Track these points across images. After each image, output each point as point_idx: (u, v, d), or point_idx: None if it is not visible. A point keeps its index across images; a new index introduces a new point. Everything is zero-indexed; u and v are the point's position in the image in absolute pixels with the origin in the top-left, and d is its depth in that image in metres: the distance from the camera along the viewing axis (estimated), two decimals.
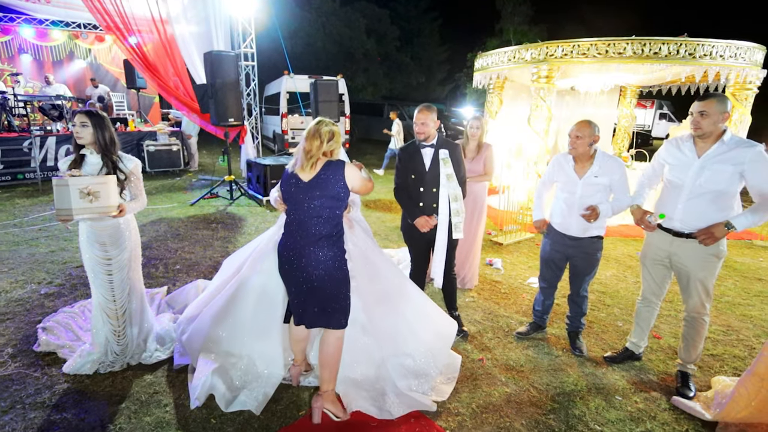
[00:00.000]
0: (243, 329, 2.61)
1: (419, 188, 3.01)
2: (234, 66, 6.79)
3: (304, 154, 2.19)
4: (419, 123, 2.94)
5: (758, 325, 3.55)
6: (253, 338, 2.60)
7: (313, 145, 2.17)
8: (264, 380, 2.50)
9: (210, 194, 7.30)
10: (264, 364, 2.56)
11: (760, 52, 5.48)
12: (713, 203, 2.41)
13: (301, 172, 2.21)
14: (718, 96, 2.37)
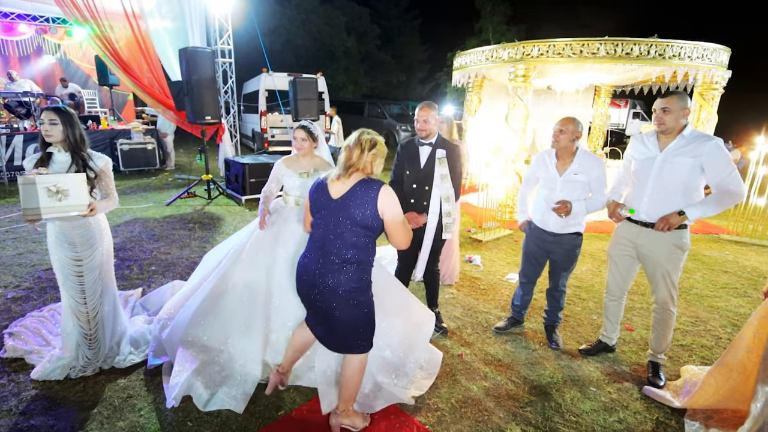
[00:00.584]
0: (223, 324, 2.58)
1: (412, 185, 3.02)
2: (210, 63, 6.67)
3: (344, 162, 2.02)
4: (421, 120, 2.95)
5: (724, 316, 3.70)
6: (233, 334, 2.57)
7: (354, 154, 1.99)
8: (242, 378, 2.47)
9: (187, 194, 7.15)
10: (242, 361, 2.52)
11: (725, 53, 5.70)
12: (676, 196, 2.50)
13: (333, 184, 2.02)
14: (679, 93, 2.48)
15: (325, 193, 2.04)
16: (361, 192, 1.97)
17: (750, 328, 2.31)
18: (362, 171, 2.02)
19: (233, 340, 2.56)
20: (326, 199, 2.03)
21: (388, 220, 1.99)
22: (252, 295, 2.62)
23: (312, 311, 2.15)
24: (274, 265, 2.68)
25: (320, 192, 2.06)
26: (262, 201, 2.91)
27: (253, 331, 2.57)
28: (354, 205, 1.96)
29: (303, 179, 2.86)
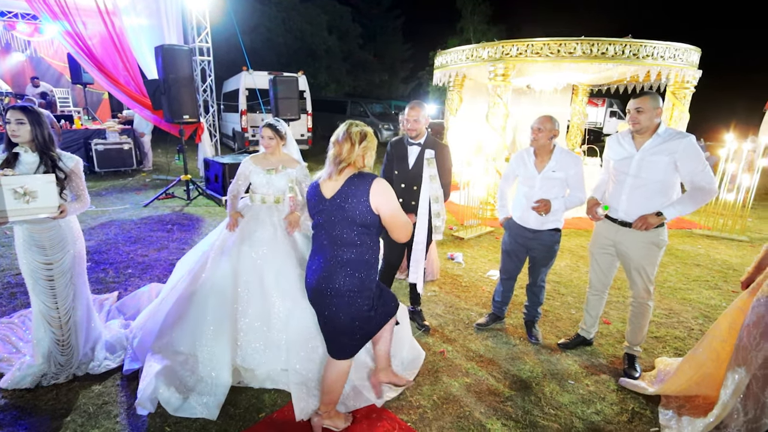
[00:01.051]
0: (191, 330, 2.54)
1: (401, 184, 3.02)
2: (188, 61, 6.54)
3: (332, 159, 1.91)
4: (411, 120, 2.93)
5: (696, 308, 3.82)
6: (201, 339, 2.51)
7: (344, 149, 1.89)
8: (213, 383, 2.41)
9: (165, 194, 7.01)
10: (212, 366, 2.47)
11: (695, 54, 5.88)
12: (654, 194, 2.56)
13: (325, 184, 1.95)
14: (651, 94, 2.54)
15: (319, 194, 1.96)
16: (353, 188, 1.88)
17: (726, 318, 2.38)
18: (353, 165, 1.92)
19: (202, 345, 2.50)
20: (321, 200, 1.95)
21: (384, 215, 1.91)
22: (219, 298, 2.57)
23: (318, 314, 2.09)
24: (240, 266, 2.65)
25: (314, 193, 1.98)
26: (229, 201, 2.89)
27: (221, 335, 2.51)
28: (348, 203, 1.88)
29: (270, 176, 2.84)
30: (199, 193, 7.23)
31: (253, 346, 2.56)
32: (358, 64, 24.45)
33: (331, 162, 1.93)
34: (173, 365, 2.42)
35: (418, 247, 2.93)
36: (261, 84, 10.05)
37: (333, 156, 1.93)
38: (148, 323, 2.63)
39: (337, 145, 1.92)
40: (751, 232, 6.24)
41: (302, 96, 11.24)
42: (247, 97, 11.09)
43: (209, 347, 2.49)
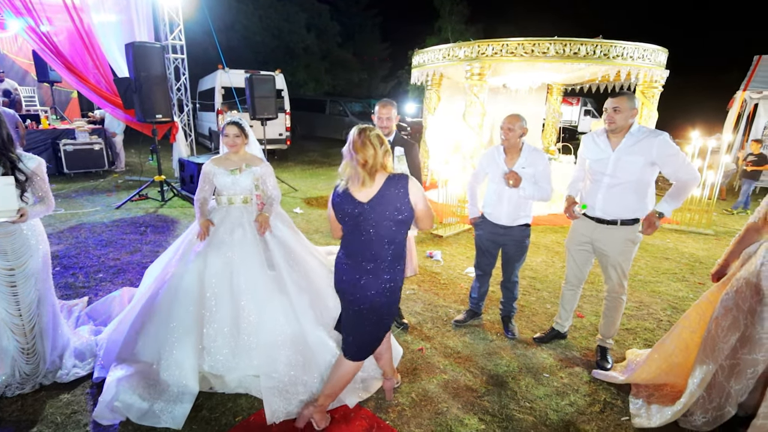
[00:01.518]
0: (156, 336, 2.47)
1: None
2: (160, 58, 6.38)
3: (359, 168, 1.92)
4: (384, 118, 2.94)
5: (665, 300, 3.96)
6: (167, 346, 2.45)
7: (368, 155, 1.91)
8: (179, 391, 2.34)
9: (138, 196, 6.82)
10: (178, 373, 2.39)
11: (663, 54, 6.08)
12: (630, 192, 2.63)
13: (358, 191, 1.96)
14: (628, 94, 2.60)
15: (352, 200, 1.98)
16: (391, 190, 1.95)
17: (696, 310, 2.46)
18: (383, 169, 1.97)
19: (167, 352, 2.44)
20: (354, 205, 1.98)
21: (419, 209, 2.02)
22: (184, 304, 2.51)
23: (347, 316, 2.14)
24: (208, 270, 2.60)
25: (345, 200, 2.00)
26: (198, 209, 2.79)
27: (186, 341, 2.45)
28: (387, 204, 1.95)
29: (234, 176, 2.79)
30: (174, 194, 7.06)
31: (222, 352, 2.51)
32: (337, 63, 24.32)
33: (360, 169, 1.93)
34: (136, 373, 2.36)
35: None
36: (237, 83, 9.89)
37: (359, 163, 1.93)
38: (113, 333, 2.56)
39: (361, 152, 1.93)
40: (717, 226, 6.50)
41: (280, 95, 11.11)
42: (223, 96, 10.90)
43: (174, 354, 2.42)
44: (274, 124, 10.41)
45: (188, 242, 2.76)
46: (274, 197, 2.91)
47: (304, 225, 5.84)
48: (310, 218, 6.29)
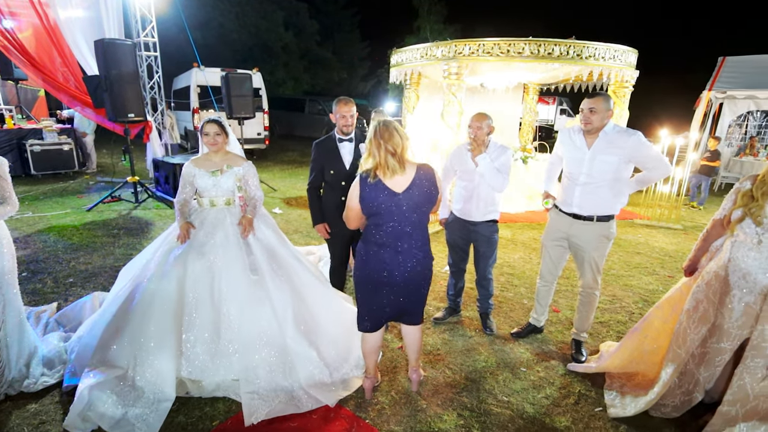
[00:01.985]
0: (133, 341, 2.41)
1: (341, 182, 3.00)
2: (132, 56, 6.20)
3: (390, 158, 2.07)
4: (348, 116, 2.93)
5: (637, 293, 4.09)
6: (144, 351, 2.39)
7: (397, 145, 2.08)
8: (155, 398, 2.29)
9: (111, 197, 6.62)
10: (154, 380, 2.34)
11: (633, 55, 6.26)
12: (605, 189, 2.72)
13: (391, 180, 2.11)
14: (604, 95, 2.67)
15: (385, 190, 2.11)
16: (422, 179, 2.15)
17: (669, 301, 2.56)
18: (410, 158, 2.15)
19: (143, 358, 2.37)
20: (389, 195, 2.12)
21: (440, 196, 2.27)
22: (163, 308, 2.45)
23: (392, 300, 2.29)
24: (188, 274, 2.54)
25: (378, 191, 2.12)
26: (178, 212, 2.73)
27: (165, 347, 2.40)
28: (420, 192, 2.15)
29: (216, 178, 2.74)
30: (148, 196, 6.89)
31: (201, 358, 2.46)
32: (316, 62, 24.14)
33: (390, 159, 2.08)
34: (109, 379, 2.29)
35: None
36: (213, 81, 9.71)
37: (390, 153, 2.08)
38: (85, 337, 2.48)
39: (390, 142, 2.08)
40: (685, 221, 6.74)
41: (257, 94, 10.96)
42: (199, 94, 10.68)
43: (151, 361, 2.36)
44: (252, 123, 10.27)
45: (168, 244, 2.69)
46: (257, 198, 2.87)
47: (284, 225, 5.79)
48: (290, 218, 6.23)
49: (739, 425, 2.10)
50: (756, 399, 2.10)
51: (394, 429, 2.29)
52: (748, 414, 2.11)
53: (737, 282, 2.17)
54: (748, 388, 2.12)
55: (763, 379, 2.09)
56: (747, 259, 2.12)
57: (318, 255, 4.42)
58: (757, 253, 2.08)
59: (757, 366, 2.10)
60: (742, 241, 2.15)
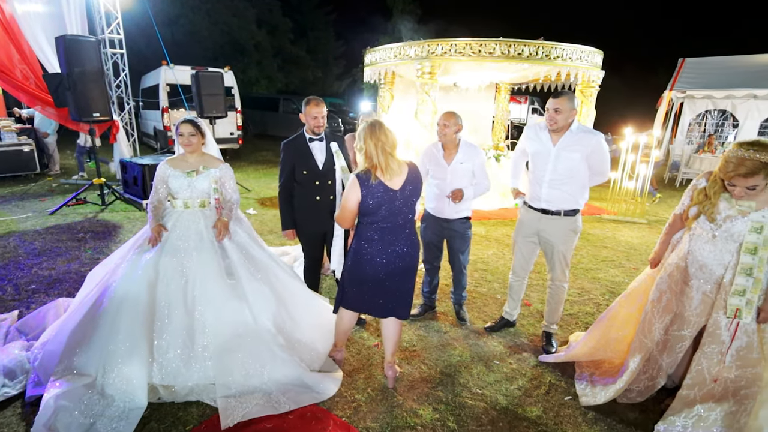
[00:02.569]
0: (101, 348, 2.33)
1: (314, 182, 2.99)
2: (96, 53, 5.99)
3: (391, 159, 2.20)
4: (320, 116, 2.93)
5: (604, 285, 4.25)
6: (114, 358, 2.31)
7: (393, 146, 2.22)
8: (125, 406, 2.23)
9: (75, 200, 6.38)
10: (124, 388, 2.27)
11: (598, 56, 6.48)
12: (569, 183, 2.83)
13: (390, 179, 2.23)
14: (568, 95, 2.76)
15: (384, 189, 2.23)
16: (414, 176, 2.32)
17: (634, 292, 2.67)
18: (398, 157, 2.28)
19: (113, 365, 2.29)
20: (387, 193, 2.24)
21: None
22: (133, 313, 2.39)
23: (384, 292, 2.40)
24: (159, 278, 2.49)
25: (379, 191, 2.22)
26: (151, 213, 2.67)
27: (135, 353, 2.32)
28: (412, 188, 2.31)
29: (191, 179, 2.69)
30: (116, 198, 6.67)
31: (174, 363, 2.40)
32: (290, 60, 23.84)
33: (389, 158, 2.21)
34: (77, 388, 2.20)
35: (337, 240, 2.97)
36: (183, 79, 9.47)
37: (388, 151, 2.20)
38: (49, 344, 2.38)
39: (389, 142, 2.21)
40: (649, 216, 7.04)
41: (229, 92, 10.76)
42: (168, 93, 10.40)
43: (121, 367, 2.29)
44: (224, 122, 10.08)
45: (138, 247, 2.62)
46: (234, 201, 2.83)
47: (258, 226, 5.72)
48: (264, 219, 6.16)
49: (696, 407, 2.23)
50: (712, 382, 2.23)
51: (370, 426, 2.31)
52: (704, 396, 2.24)
53: (695, 273, 2.29)
54: (705, 373, 2.24)
55: (718, 363, 2.22)
56: (703, 252, 2.24)
57: (293, 255, 4.39)
58: (712, 246, 2.20)
59: (713, 351, 2.23)
60: (699, 235, 2.27)
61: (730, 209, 2.11)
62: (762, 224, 2.01)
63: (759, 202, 2.03)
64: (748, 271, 2.08)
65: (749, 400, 2.08)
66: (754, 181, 1.95)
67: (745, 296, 2.09)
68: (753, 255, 2.05)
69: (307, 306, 2.86)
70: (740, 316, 2.11)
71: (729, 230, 2.11)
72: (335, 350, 2.77)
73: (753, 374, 2.12)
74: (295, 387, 2.47)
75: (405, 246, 2.38)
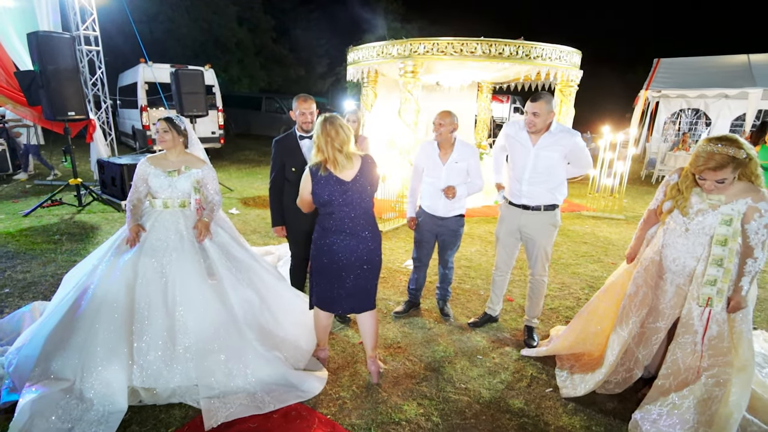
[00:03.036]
0: (79, 351, 2.28)
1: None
2: (70, 50, 5.83)
3: (338, 154, 2.27)
4: (308, 113, 2.93)
5: (584, 280, 4.34)
6: (92, 361, 2.26)
7: (344, 141, 2.27)
8: (104, 410, 2.18)
9: (51, 201, 6.20)
10: (104, 392, 2.22)
11: (577, 55, 6.61)
12: (548, 180, 2.90)
13: (342, 171, 2.31)
14: (546, 97, 2.82)
15: (336, 181, 2.32)
16: (366, 167, 2.38)
17: (612, 287, 2.74)
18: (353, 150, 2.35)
19: (91, 369, 2.24)
20: (340, 185, 2.32)
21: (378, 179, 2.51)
22: (112, 315, 2.34)
23: (347, 284, 2.46)
24: (139, 279, 2.45)
25: (329, 183, 2.32)
26: (129, 212, 2.63)
27: (115, 356, 2.28)
28: (366, 179, 2.37)
29: (172, 178, 2.65)
30: (93, 198, 6.50)
31: (155, 365, 2.36)
32: (273, 59, 23.60)
33: (338, 155, 2.29)
34: (54, 393, 2.15)
35: None
36: (162, 77, 9.29)
37: (339, 146, 2.28)
38: (25, 348, 2.32)
39: (338, 139, 2.27)
40: (627, 212, 7.22)
41: (210, 91, 10.59)
42: (147, 91, 10.18)
43: (101, 371, 2.24)
44: (205, 121, 9.93)
45: (116, 248, 2.56)
46: (216, 203, 2.80)
47: (241, 226, 5.66)
48: (247, 219, 6.10)
49: (671, 395, 2.31)
50: (686, 371, 2.31)
51: (355, 422, 2.32)
52: (679, 385, 2.32)
53: (669, 266, 2.37)
54: (680, 362, 2.33)
55: (692, 353, 2.30)
56: (677, 245, 2.32)
57: (277, 255, 4.36)
58: (685, 239, 2.28)
59: (687, 342, 2.31)
60: (673, 229, 2.34)
61: (702, 203, 2.18)
62: (731, 217, 2.09)
63: (728, 196, 2.11)
64: (719, 261, 2.16)
65: (720, 387, 2.17)
66: (723, 174, 2.02)
67: (716, 286, 2.17)
68: (723, 246, 2.13)
69: (290, 305, 2.85)
70: (712, 304, 2.20)
71: (701, 223, 2.19)
72: (319, 349, 2.78)
73: (724, 362, 2.20)
74: (279, 386, 2.46)
75: (363, 241, 2.43)
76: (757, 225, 2.06)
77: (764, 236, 2.07)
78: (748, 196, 2.06)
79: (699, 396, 2.21)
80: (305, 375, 2.57)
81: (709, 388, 2.20)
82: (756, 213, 2.05)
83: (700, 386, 2.23)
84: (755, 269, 2.12)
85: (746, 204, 2.06)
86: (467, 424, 2.34)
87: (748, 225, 2.08)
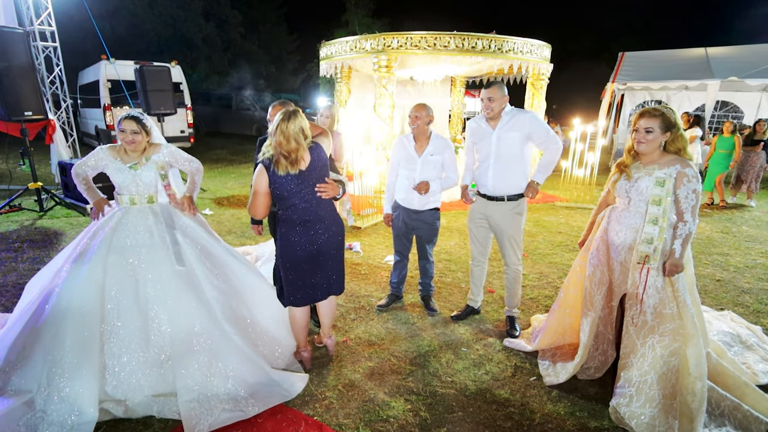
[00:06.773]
0: (44, 361, 2.15)
1: None
2: (24, 46, 5.51)
3: (284, 159, 2.26)
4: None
5: (561, 269, 4.44)
6: (59, 371, 2.14)
7: (291, 148, 2.25)
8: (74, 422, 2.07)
9: (9, 207, 5.86)
10: (73, 402, 2.11)
11: (547, 49, 6.74)
12: (513, 166, 2.96)
13: (293, 165, 2.30)
14: (498, 83, 2.92)
15: (288, 175, 2.31)
16: (316, 154, 2.38)
17: (573, 274, 2.82)
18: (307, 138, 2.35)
19: (57, 379, 2.12)
20: (293, 177, 2.33)
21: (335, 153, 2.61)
22: (79, 320, 2.22)
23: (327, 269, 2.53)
24: (108, 279, 2.33)
25: (283, 177, 2.31)
26: (83, 187, 2.60)
27: (84, 362, 2.16)
28: (318, 167, 2.39)
29: (135, 171, 2.54)
30: (56, 203, 6.18)
31: (128, 368, 2.25)
32: (242, 55, 23.07)
33: (284, 160, 2.28)
34: (15, 408, 2.02)
35: None
36: (126, 75, 8.92)
37: (284, 155, 2.27)
38: None
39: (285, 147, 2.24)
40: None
41: (178, 88, 10.25)
42: (110, 89, 9.75)
43: (67, 379, 2.12)
44: (174, 120, 9.61)
45: (82, 248, 2.43)
46: (195, 169, 2.82)
47: (216, 226, 5.50)
48: (222, 219, 5.94)
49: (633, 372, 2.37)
50: (642, 346, 2.38)
51: (343, 422, 2.28)
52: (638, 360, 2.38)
53: (613, 239, 2.52)
54: (633, 337, 2.41)
55: (643, 325, 2.37)
56: (620, 219, 2.47)
57: (254, 255, 4.26)
58: (627, 212, 2.43)
59: (636, 314, 2.39)
60: (617, 207, 2.51)
61: (639, 171, 2.40)
62: (664, 179, 2.31)
63: (660, 165, 2.33)
64: (654, 220, 2.34)
65: (675, 356, 2.25)
66: (651, 123, 2.28)
67: (652, 244, 2.34)
68: (658, 206, 2.33)
69: (267, 300, 2.78)
70: (649, 261, 2.34)
71: (638, 188, 2.37)
72: (300, 350, 2.73)
73: (672, 330, 2.28)
74: (262, 386, 2.40)
75: (326, 228, 2.47)
76: (686, 190, 2.26)
77: (693, 200, 2.26)
78: (677, 164, 2.29)
79: (659, 370, 2.27)
80: (287, 373, 2.53)
81: (666, 360, 2.27)
82: (684, 178, 2.26)
83: (657, 359, 2.28)
84: (685, 232, 2.28)
85: (676, 170, 2.28)
86: (455, 417, 2.35)
87: (678, 191, 2.28)
